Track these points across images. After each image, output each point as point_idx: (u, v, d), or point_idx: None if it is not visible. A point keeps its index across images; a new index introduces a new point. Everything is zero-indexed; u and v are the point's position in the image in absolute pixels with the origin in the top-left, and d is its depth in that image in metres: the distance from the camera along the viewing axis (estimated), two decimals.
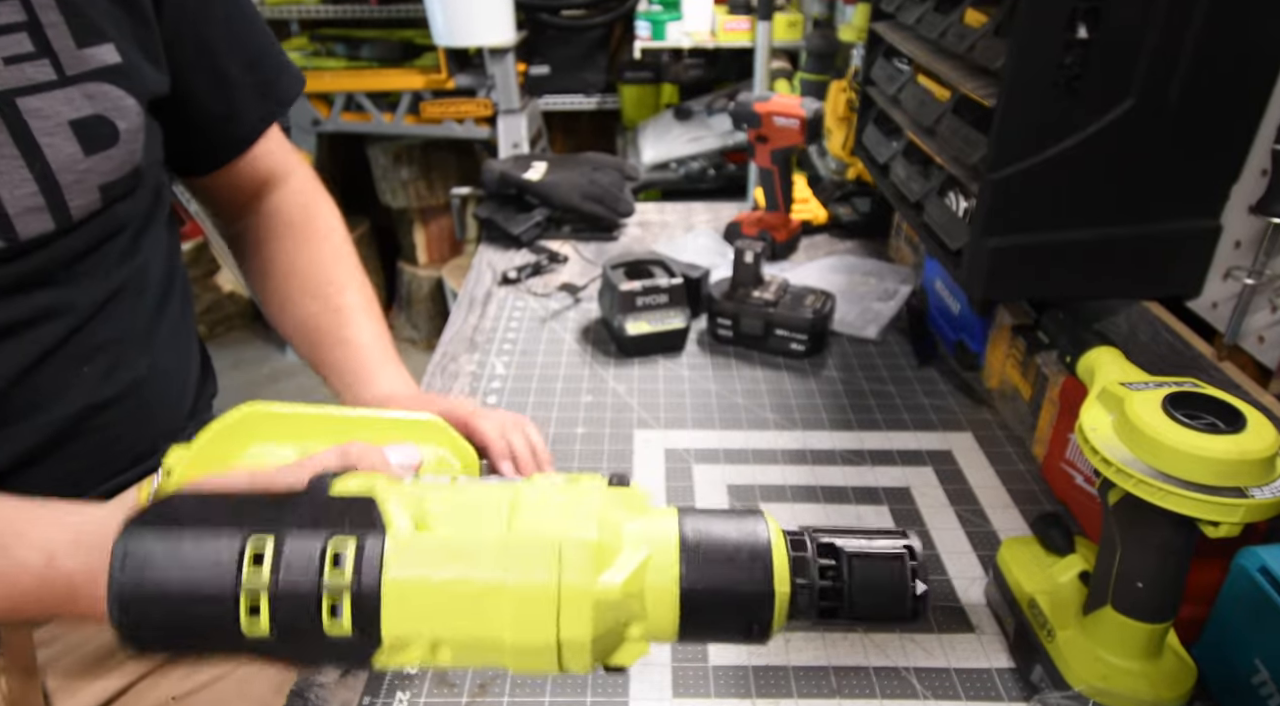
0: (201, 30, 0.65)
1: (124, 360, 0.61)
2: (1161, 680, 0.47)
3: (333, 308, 0.71)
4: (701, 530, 0.32)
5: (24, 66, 0.52)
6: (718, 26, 2.11)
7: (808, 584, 0.32)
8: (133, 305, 0.62)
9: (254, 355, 2.80)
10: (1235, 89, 0.56)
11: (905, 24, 0.82)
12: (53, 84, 0.53)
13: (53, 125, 0.53)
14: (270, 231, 0.74)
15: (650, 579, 0.31)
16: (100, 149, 0.55)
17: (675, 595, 0.31)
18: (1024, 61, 0.55)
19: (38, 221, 0.53)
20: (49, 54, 0.53)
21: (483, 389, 0.84)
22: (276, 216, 0.74)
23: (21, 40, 0.52)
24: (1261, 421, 0.42)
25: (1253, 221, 0.66)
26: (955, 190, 0.68)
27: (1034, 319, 0.73)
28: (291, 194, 0.76)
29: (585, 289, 1.02)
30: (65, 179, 0.54)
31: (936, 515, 0.67)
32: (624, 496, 0.33)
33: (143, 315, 0.63)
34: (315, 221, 0.75)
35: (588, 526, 0.31)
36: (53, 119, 0.53)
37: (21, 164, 0.52)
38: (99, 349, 0.59)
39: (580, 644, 0.30)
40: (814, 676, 0.53)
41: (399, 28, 2.45)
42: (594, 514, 0.32)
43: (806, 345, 0.87)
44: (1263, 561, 0.46)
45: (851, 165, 1.22)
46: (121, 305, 0.61)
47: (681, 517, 0.33)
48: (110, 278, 0.60)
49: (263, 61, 0.70)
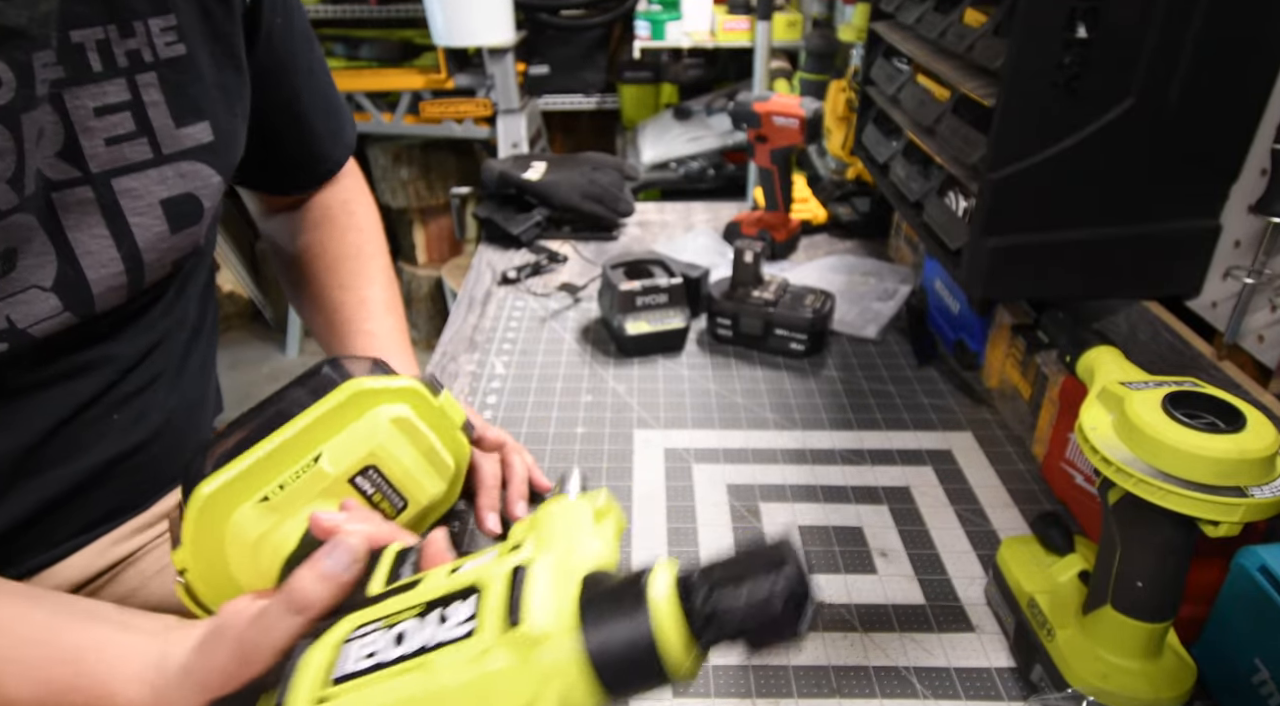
0: (290, 79, 0.67)
1: (155, 403, 0.61)
2: (1161, 679, 0.47)
3: (358, 299, 0.72)
4: (604, 645, 0.30)
5: (124, 146, 0.51)
6: (717, 26, 2.11)
7: (692, 611, 0.31)
8: (169, 350, 0.62)
9: (254, 355, 2.80)
10: (1235, 88, 0.56)
11: (905, 24, 0.82)
12: (148, 163, 0.53)
13: (144, 205, 0.53)
14: (310, 223, 0.76)
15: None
16: (185, 227, 0.56)
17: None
18: (1023, 61, 0.55)
19: (115, 297, 0.54)
20: (148, 132, 0.52)
21: (482, 389, 0.84)
22: (317, 209, 0.77)
23: (125, 120, 0.51)
24: (1261, 421, 0.42)
25: (1252, 221, 0.66)
26: (955, 190, 0.68)
27: (1034, 318, 0.73)
28: (336, 191, 0.78)
29: (585, 289, 1.02)
30: (149, 257, 0.54)
31: (936, 514, 0.67)
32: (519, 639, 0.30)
33: (176, 356, 0.64)
34: (354, 217, 0.77)
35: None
36: (145, 199, 0.53)
37: (111, 244, 0.52)
38: (131, 397, 0.59)
39: None
40: (814, 676, 0.53)
41: (398, 27, 2.45)
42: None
43: (806, 345, 0.87)
44: (1263, 561, 0.46)
45: (851, 165, 1.22)
46: (159, 353, 0.61)
47: (585, 637, 0.30)
48: (155, 329, 0.60)
49: (336, 111, 0.74)
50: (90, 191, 0.50)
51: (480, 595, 0.32)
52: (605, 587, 0.32)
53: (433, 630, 0.32)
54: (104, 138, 0.50)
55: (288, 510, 0.47)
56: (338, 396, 0.49)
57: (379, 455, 0.50)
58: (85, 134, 0.49)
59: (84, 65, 0.49)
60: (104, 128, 0.50)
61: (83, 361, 0.55)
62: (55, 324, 0.51)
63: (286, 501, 0.47)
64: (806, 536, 0.64)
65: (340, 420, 0.49)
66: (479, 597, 0.32)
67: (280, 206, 0.79)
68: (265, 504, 0.47)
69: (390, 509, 0.51)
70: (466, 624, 0.31)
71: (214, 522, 0.46)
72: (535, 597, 0.31)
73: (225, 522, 0.46)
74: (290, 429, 0.48)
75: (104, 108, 0.50)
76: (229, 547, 0.46)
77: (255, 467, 0.47)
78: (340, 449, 0.49)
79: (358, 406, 0.50)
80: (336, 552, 0.40)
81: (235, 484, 0.46)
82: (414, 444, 0.52)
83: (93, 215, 0.51)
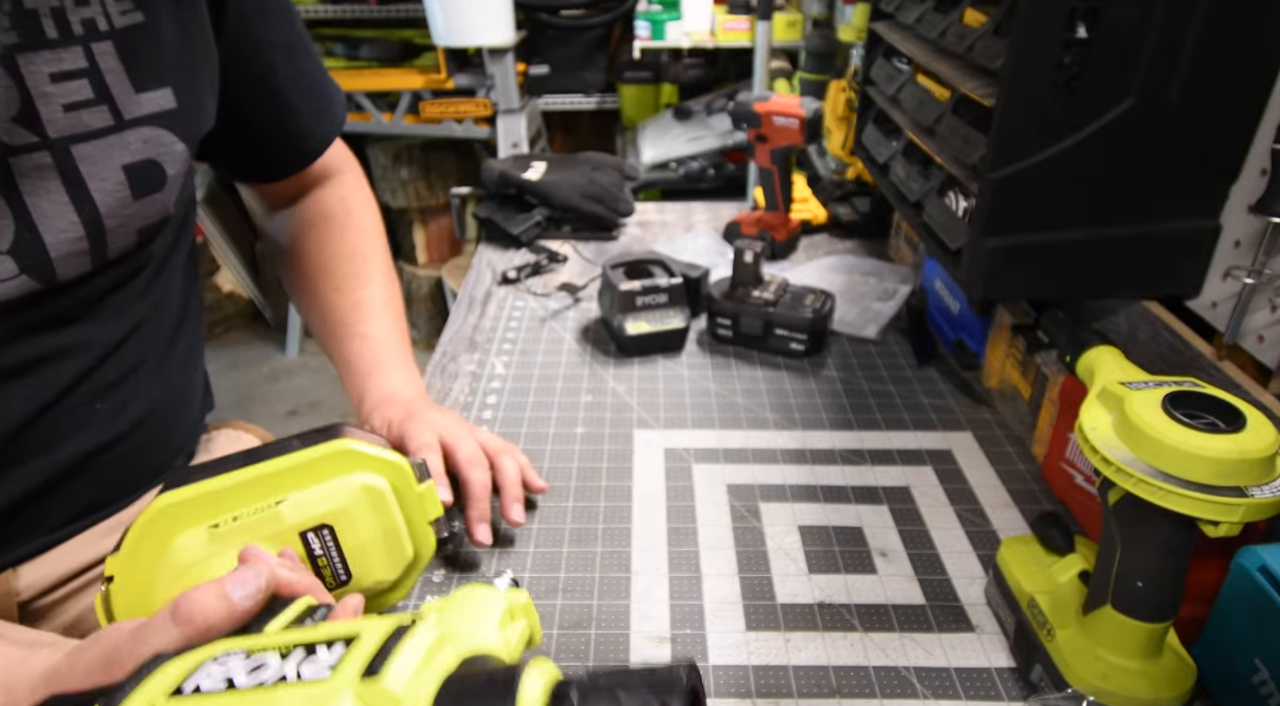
0: (264, 55, 0.66)
1: (138, 393, 0.61)
2: (1161, 679, 0.47)
3: (354, 301, 0.72)
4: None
5: (82, 113, 0.51)
6: (717, 26, 2.11)
7: None
8: (149, 336, 0.62)
9: (253, 355, 2.80)
10: (1235, 88, 0.56)
11: (905, 24, 0.82)
12: (109, 130, 0.52)
13: (106, 170, 0.52)
14: (307, 222, 0.76)
15: None
16: (148, 193, 0.55)
17: None
18: (1023, 61, 0.55)
19: (77, 264, 0.53)
20: (108, 100, 0.52)
21: (482, 388, 0.84)
22: (315, 208, 0.76)
23: (83, 87, 0.51)
24: (1261, 421, 0.42)
25: (1252, 221, 0.66)
26: (955, 190, 0.68)
27: (1034, 318, 0.73)
28: (334, 188, 0.77)
29: (585, 289, 1.02)
30: (111, 223, 0.53)
31: (936, 514, 0.67)
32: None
33: (159, 344, 0.63)
34: (351, 216, 0.76)
35: None
36: (106, 164, 0.52)
37: (70, 209, 0.51)
38: (113, 385, 0.59)
39: None
40: (814, 676, 0.53)
41: (398, 27, 2.45)
42: None
43: (806, 345, 0.87)
44: (1263, 561, 0.46)
45: (851, 165, 1.22)
46: (139, 339, 0.61)
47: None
48: (131, 312, 0.60)
49: (319, 88, 0.72)
50: (49, 157, 0.50)
51: (353, 643, 0.31)
52: (479, 671, 0.31)
53: (295, 666, 0.31)
54: (61, 104, 0.50)
55: (230, 543, 0.46)
56: (323, 450, 0.49)
57: (338, 518, 0.48)
58: (42, 100, 0.49)
59: (38, 31, 0.48)
60: (61, 94, 0.50)
61: (58, 345, 0.55)
62: (13, 288, 0.50)
63: (233, 534, 0.46)
64: (807, 536, 0.65)
65: (316, 473, 0.49)
66: (351, 645, 0.31)
67: (279, 202, 0.78)
68: (213, 530, 0.46)
69: (331, 577, 0.49)
70: (328, 668, 0.30)
71: (159, 537, 0.46)
72: (403, 658, 0.30)
73: (169, 540, 0.46)
74: (266, 466, 0.48)
75: (60, 74, 0.50)
76: (161, 566, 0.46)
77: (219, 494, 0.46)
78: (305, 500, 0.48)
79: (339, 465, 0.49)
80: (244, 575, 0.38)
81: (192, 504, 0.46)
82: (378, 519, 0.50)
83: (51, 180, 0.50)
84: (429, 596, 0.60)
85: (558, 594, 0.60)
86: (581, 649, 0.55)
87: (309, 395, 2.60)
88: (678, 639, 0.56)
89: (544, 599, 0.59)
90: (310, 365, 2.76)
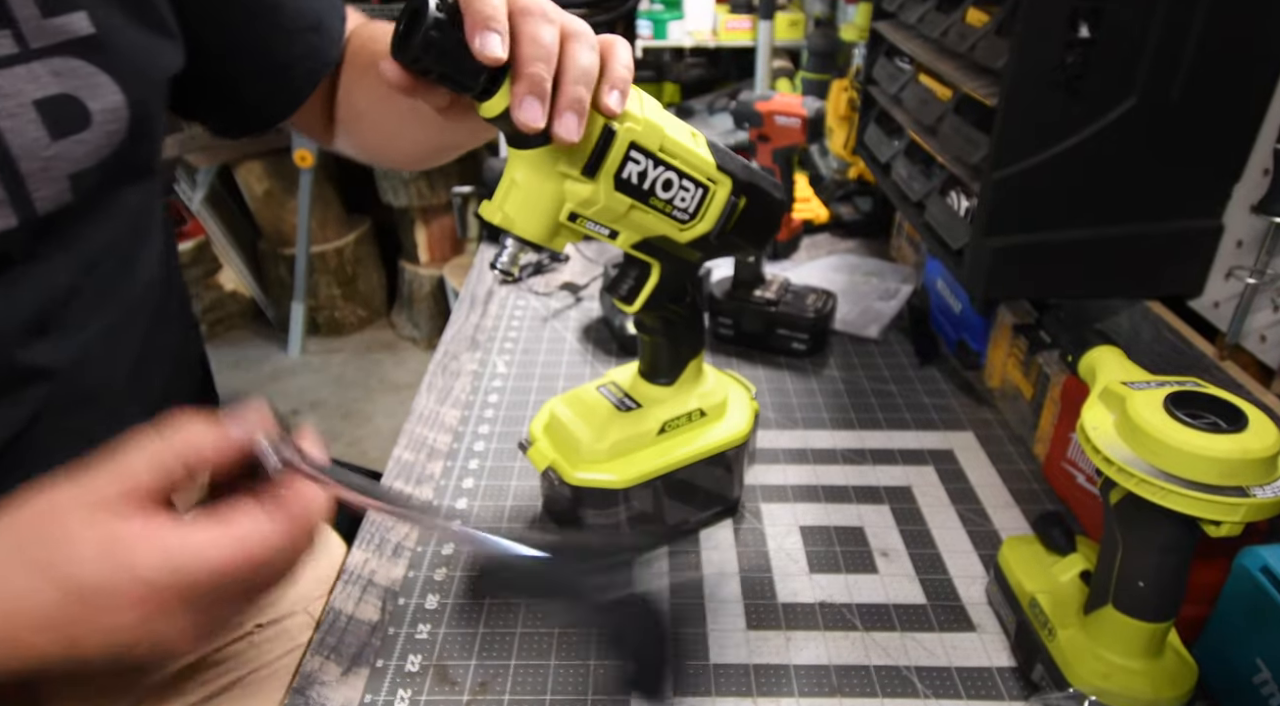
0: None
1: (115, 411, 0.56)
2: (1162, 679, 0.47)
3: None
4: None
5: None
6: (719, 26, 2.11)
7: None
8: (123, 341, 0.57)
9: (255, 354, 2.81)
10: (1237, 88, 0.56)
11: (907, 23, 0.82)
12: (14, 58, 0.46)
13: (14, 105, 0.47)
14: (359, 70, 0.68)
15: None
16: (69, 133, 0.49)
17: None
18: (1025, 61, 0.55)
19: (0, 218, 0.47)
20: (10, 24, 0.46)
21: (484, 387, 0.84)
22: (356, 60, 0.68)
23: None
24: (1263, 421, 0.42)
25: (1255, 221, 0.66)
26: (957, 189, 0.68)
27: (1036, 318, 0.73)
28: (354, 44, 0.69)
29: (587, 288, 1.02)
30: (28, 166, 0.47)
31: (938, 514, 0.67)
32: None
33: (132, 350, 0.58)
34: (372, 25, 0.69)
35: None
36: (14, 98, 0.46)
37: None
38: (86, 403, 0.53)
39: None
40: (815, 675, 0.53)
41: None
42: None
43: (808, 344, 0.87)
44: (1264, 561, 0.46)
45: (853, 164, 1.22)
46: (111, 342, 0.55)
47: None
48: (103, 311, 0.54)
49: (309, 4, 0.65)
50: None
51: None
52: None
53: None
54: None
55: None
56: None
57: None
58: None
59: None
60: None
61: (26, 364, 0.50)
62: None
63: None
64: (808, 536, 0.65)
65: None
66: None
67: (326, 120, 0.71)
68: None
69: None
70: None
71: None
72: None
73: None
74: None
75: None
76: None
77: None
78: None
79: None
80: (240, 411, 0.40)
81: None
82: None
83: None
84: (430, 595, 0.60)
85: None
86: (582, 648, 0.55)
87: (310, 394, 2.61)
88: (678, 637, 0.56)
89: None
90: (312, 364, 2.76)
